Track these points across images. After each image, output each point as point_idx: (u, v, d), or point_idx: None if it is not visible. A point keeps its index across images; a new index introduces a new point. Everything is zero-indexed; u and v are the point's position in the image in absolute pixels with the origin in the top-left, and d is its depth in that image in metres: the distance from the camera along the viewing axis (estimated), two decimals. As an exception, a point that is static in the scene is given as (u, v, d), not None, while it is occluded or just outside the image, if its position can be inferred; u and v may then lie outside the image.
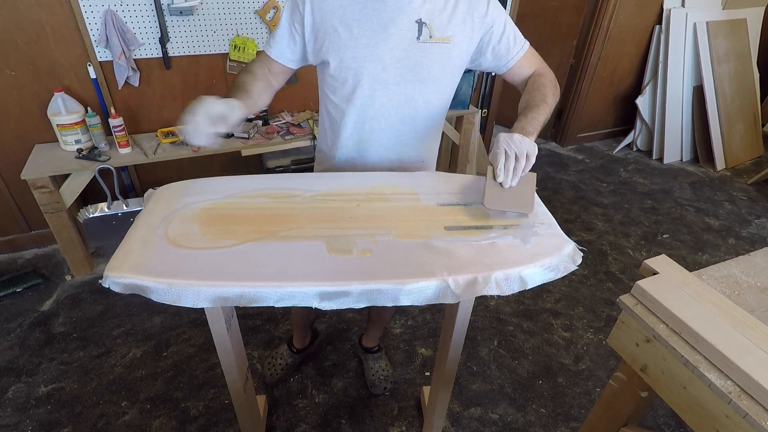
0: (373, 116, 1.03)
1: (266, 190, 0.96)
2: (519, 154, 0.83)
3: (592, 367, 1.73)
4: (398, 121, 1.04)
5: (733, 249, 2.49)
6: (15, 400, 1.54)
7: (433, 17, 0.94)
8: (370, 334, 1.65)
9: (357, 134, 1.07)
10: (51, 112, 1.90)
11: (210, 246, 0.78)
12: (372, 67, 0.97)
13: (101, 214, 2.03)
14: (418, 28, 0.94)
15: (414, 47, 0.95)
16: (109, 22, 1.86)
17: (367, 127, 1.05)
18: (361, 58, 0.96)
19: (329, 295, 0.70)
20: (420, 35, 0.95)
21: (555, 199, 2.93)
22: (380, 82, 0.99)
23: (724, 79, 3.36)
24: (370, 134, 1.06)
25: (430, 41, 0.95)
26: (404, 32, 0.94)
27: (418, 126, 1.06)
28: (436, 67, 0.98)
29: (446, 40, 0.96)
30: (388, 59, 0.96)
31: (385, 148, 1.08)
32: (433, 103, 1.05)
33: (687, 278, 0.81)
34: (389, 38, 0.94)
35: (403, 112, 1.03)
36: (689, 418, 0.72)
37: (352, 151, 1.10)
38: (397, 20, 0.93)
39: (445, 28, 0.95)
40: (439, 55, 0.97)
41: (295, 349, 1.63)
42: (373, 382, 1.59)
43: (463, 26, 0.96)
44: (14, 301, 1.96)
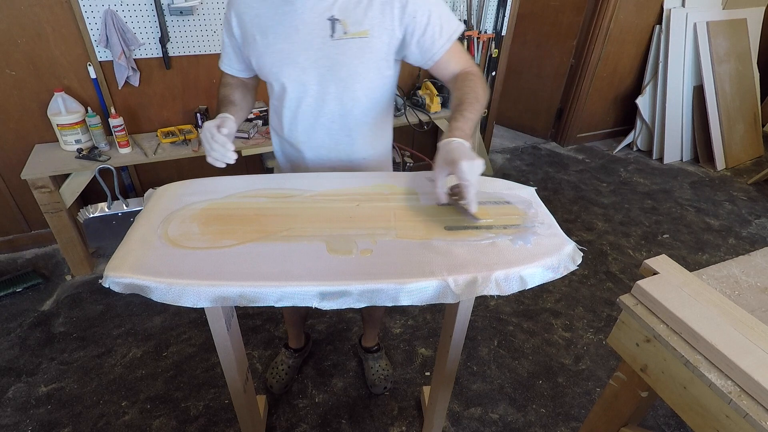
0: (303, 117, 1.04)
1: (266, 190, 0.96)
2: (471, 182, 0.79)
3: (592, 367, 1.73)
4: (328, 120, 1.03)
5: (733, 249, 2.49)
6: (15, 400, 1.54)
7: (346, 13, 0.91)
8: (368, 334, 1.65)
9: (293, 135, 1.08)
10: (51, 112, 1.90)
11: (210, 246, 0.78)
12: (291, 71, 0.97)
13: (101, 214, 2.03)
14: (331, 25, 0.92)
15: (329, 45, 0.93)
16: (109, 22, 1.86)
17: (300, 129, 1.06)
18: (279, 63, 0.97)
19: (329, 295, 0.70)
20: (334, 33, 0.92)
21: (555, 199, 2.93)
22: (302, 84, 0.99)
23: (725, 79, 3.36)
24: (304, 135, 1.07)
25: (345, 37, 0.92)
26: (317, 32, 0.93)
27: (350, 124, 1.04)
28: (355, 62, 0.95)
29: (363, 34, 0.92)
30: (304, 61, 0.96)
31: (321, 148, 1.08)
32: (362, 100, 1.01)
33: (687, 278, 0.81)
34: (302, 40, 0.94)
35: (331, 112, 1.02)
36: (689, 418, 0.72)
37: (293, 152, 1.12)
38: (308, 21, 0.92)
39: (361, 22, 0.91)
40: (357, 51, 0.94)
41: (292, 350, 1.64)
42: (373, 381, 1.59)
43: (382, 18, 0.91)
44: (14, 301, 1.96)
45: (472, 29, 2.66)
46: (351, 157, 1.10)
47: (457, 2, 2.57)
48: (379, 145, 1.14)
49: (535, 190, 0.99)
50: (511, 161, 3.44)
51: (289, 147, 1.12)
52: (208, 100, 2.26)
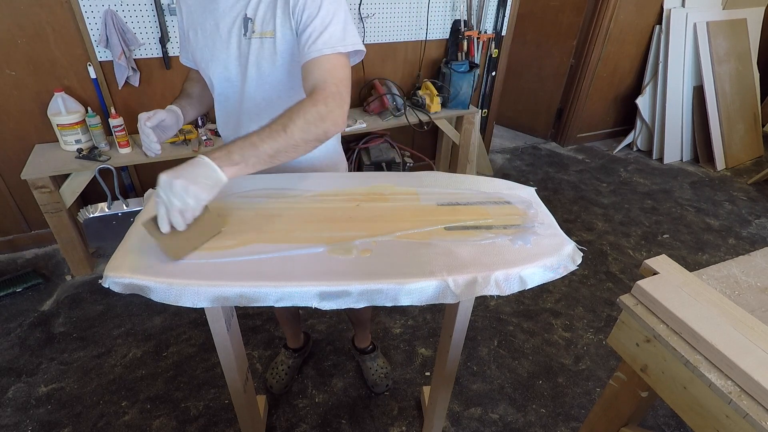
0: (229, 113, 1.06)
1: (266, 190, 0.96)
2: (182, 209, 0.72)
3: (592, 367, 1.73)
4: (247, 119, 1.03)
5: (733, 249, 2.49)
6: (15, 400, 1.54)
7: (257, 12, 0.92)
8: (359, 335, 1.64)
9: (224, 131, 1.11)
10: (51, 112, 1.90)
11: (210, 246, 0.78)
12: (215, 67, 0.99)
13: (101, 214, 2.03)
14: (244, 24, 0.94)
15: (243, 44, 0.95)
16: (109, 22, 1.86)
17: (231, 124, 1.07)
18: (206, 59, 1.00)
19: (329, 294, 0.70)
20: (246, 31, 0.94)
21: (555, 199, 2.93)
22: (226, 80, 1.01)
23: (725, 79, 3.36)
24: (232, 130, 1.07)
25: (254, 36, 0.93)
26: (234, 30, 0.95)
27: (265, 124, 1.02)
28: (262, 62, 0.95)
29: (269, 35, 0.93)
30: (225, 58, 0.97)
31: None
32: (275, 101, 0.99)
33: (687, 278, 0.81)
34: (222, 37, 0.96)
35: (248, 110, 1.02)
36: (689, 418, 0.72)
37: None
38: (228, 19, 0.95)
39: (268, 23, 0.92)
40: (265, 51, 0.94)
41: (291, 350, 1.63)
42: (374, 381, 1.59)
43: (284, 18, 0.90)
44: (14, 301, 1.96)
45: (472, 29, 2.66)
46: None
47: (457, 2, 2.57)
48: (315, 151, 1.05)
49: (535, 190, 0.99)
50: (511, 161, 3.44)
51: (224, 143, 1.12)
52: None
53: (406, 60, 2.66)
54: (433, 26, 2.60)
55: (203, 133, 2.10)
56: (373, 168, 2.55)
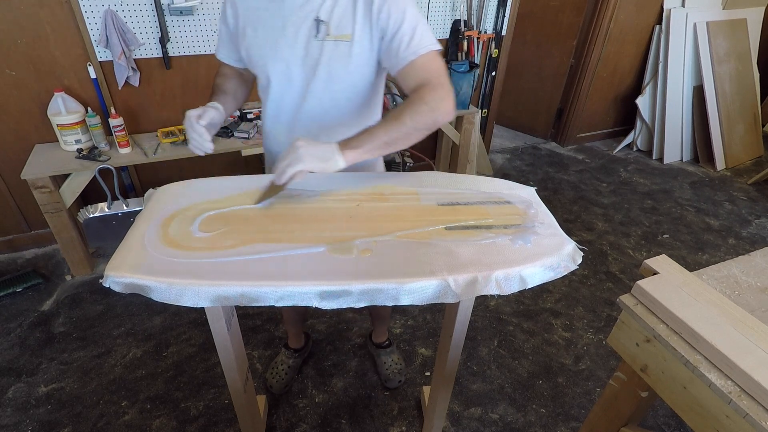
0: (286, 112, 1.06)
1: (266, 190, 0.96)
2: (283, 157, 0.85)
3: (592, 367, 1.73)
4: (307, 117, 1.05)
5: (733, 249, 2.49)
6: (15, 400, 1.54)
7: (331, 16, 0.93)
8: (377, 330, 1.67)
9: (275, 128, 1.11)
10: (51, 112, 1.90)
11: (210, 246, 0.78)
12: (276, 65, 0.99)
13: (101, 214, 2.03)
14: (317, 26, 0.94)
15: (312, 45, 0.96)
16: (109, 22, 1.86)
17: (282, 121, 1.08)
18: (266, 57, 1.00)
19: (329, 294, 0.71)
20: (318, 33, 0.95)
21: (555, 199, 2.93)
22: (287, 80, 1.01)
23: (725, 79, 3.36)
24: (285, 128, 1.09)
25: (328, 39, 0.94)
26: (303, 30, 0.95)
27: (329, 124, 1.06)
28: (335, 64, 0.96)
29: (345, 38, 0.94)
30: (290, 57, 0.98)
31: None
32: (342, 101, 1.03)
33: (687, 278, 0.81)
34: (288, 36, 0.96)
35: (310, 110, 1.04)
36: (689, 418, 0.72)
37: (274, 145, 1.14)
38: (295, 19, 0.95)
39: (344, 26, 0.93)
40: (338, 53, 0.95)
41: (292, 350, 1.64)
42: (387, 376, 1.61)
43: (364, 23, 0.93)
44: (14, 301, 1.96)
45: (472, 29, 2.66)
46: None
47: (457, 2, 2.57)
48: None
49: (535, 190, 0.99)
50: (511, 161, 3.44)
51: (272, 141, 1.14)
52: (207, 100, 2.25)
53: (406, 60, 2.65)
54: (433, 26, 2.60)
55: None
56: (373, 168, 2.55)
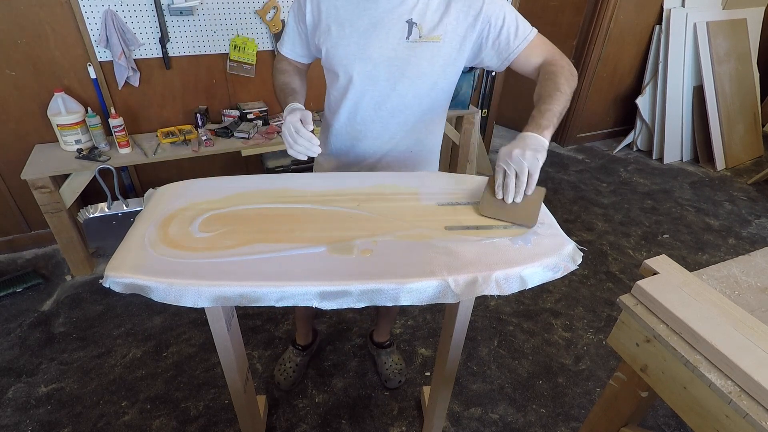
0: (364, 109, 1.07)
1: (266, 190, 0.96)
2: (519, 172, 0.82)
3: (592, 367, 1.73)
4: (388, 114, 1.07)
5: (733, 249, 2.49)
6: (15, 400, 1.54)
7: (424, 17, 0.95)
8: (381, 329, 1.67)
9: (349, 125, 1.12)
10: (51, 112, 1.90)
11: (210, 246, 0.78)
12: (362, 65, 1.00)
13: (101, 214, 2.03)
14: (408, 28, 0.96)
15: (402, 46, 0.97)
16: (109, 22, 1.86)
17: (358, 119, 1.09)
18: (351, 56, 1.00)
19: (329, 294, 0.70)
20: (410, 35, 0.96)
21: (555, 199, 2.93)
22: (370, 79, 1.02)
23: (724, 79, 3.36)
24: (362, 126, 1.10)
25: (420, 41, 0.96)
26: (394, 32, 0.96)
27: (408, 120, 1.09)
28: (424, 65, 0.99)
29: (436, 39, 0.97)
30: (378, 57, 0.99)
31: (375, 140, 1.12)
32: (424, 99, 1.06)
33: (687, 278, 0.81)
34: (378, 37, 0.97)
35: (392, 107, 1.06)
36: (689, 418, 0.72)
37: (345, 141, 1.15)
38: (387, 20, 0.96)
39: (436, 28, 0.96)
40: (428, 54, 0.98)
41: (300, 347, 1.65)
42: (387, 376, 1.61)
43: (456, 24, 0.96)
44: (14, 301, 1.96)
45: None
46: (402, 149, 1.14)
47: (457, 2, 2.57)
48: (431, 140, 1.18)
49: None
50: (511, 161, 3.44)
51: (344, 136, 1.15)
52: (208, 100, 2.26)
53: (406, 60, 2.65)
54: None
55: (203, 133, 2.10)
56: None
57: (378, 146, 1.13)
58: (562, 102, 0.90)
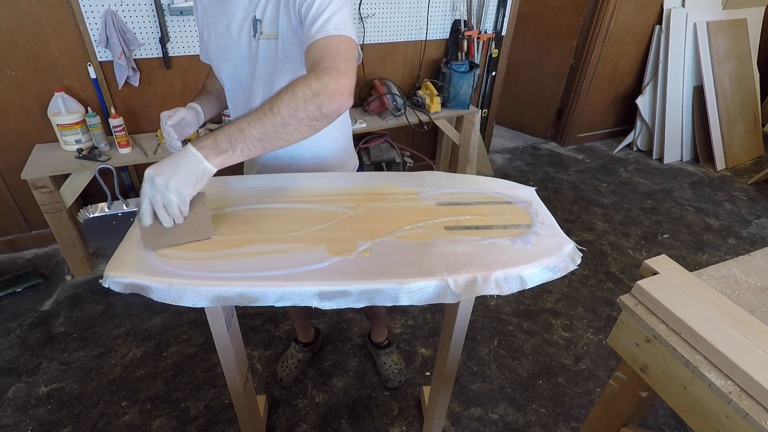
0: (239, 110, 1.08)
1: (266, 189, 0.96)
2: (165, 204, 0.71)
3: (592, 367, 1.73)
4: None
5: (733, 249, 2.49)
6: (15, 400, 1.54)
7: (264, 13, 0.93)
8: (375, 330, 1.67)
9: None
10: (51, 112, 1.90)
11: (210, 246, 0.78)
12: (226, 66, 1.02)
13: (101, 214, 2.02)
14: (254, 25, 0.94)
15: (253, 44, 0.96)
16: (109, 22, 1.86)
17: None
18: (218, 59, 1.02)
19: (329, 294, 0.70)
20: (255, 32, 0.95)
21: (555, 199, 2.93)
22: (236, 79, 1.03)
23: (725, 79, 3.36)
24: None
25: (262, 38, 0.95)
26: (245, 30, 0.96)
27: None
28: (270, 64, 0.96)
29: (273, 36, 0.93)
30: (236, 58, 0.99)
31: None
32: None
33: (687, 278, 0.81)
34: (233, 37, 0.97)
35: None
36: (689, 418, 0.72)
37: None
38: (239, 19, 0.96)
39: (271, 23, 0.93)
40: (271, 52, 0.95)
41: (301, 344, 1.65)
42: (387, 376, 1.61)
43: (287, 18, 0.90)
44: (14, 301, 1.96)
45: (472, 29, 2.66)
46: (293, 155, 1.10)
47: (457, 2, 2.57)
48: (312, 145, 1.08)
49: (535, 190, 0.99)
50: (511, 161, 3.44)
51: None
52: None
53: (406, 60, 2.66)
54: (433, 26, 2.60)
55: (203, 133, 2.10)
56: (373, 168, 2.55)
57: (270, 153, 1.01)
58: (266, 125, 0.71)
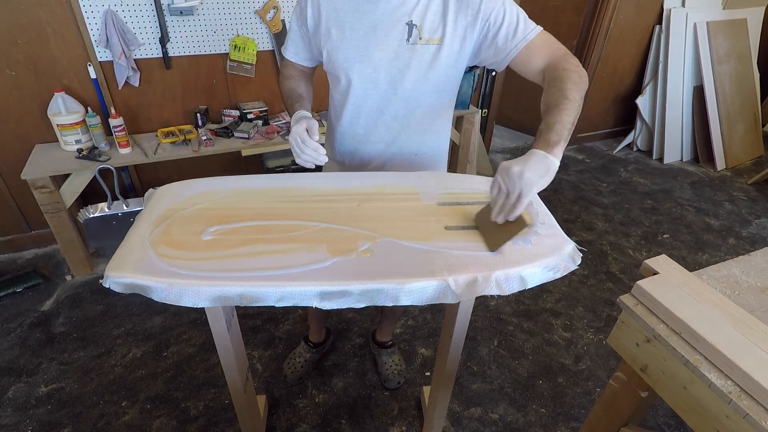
0: (366, 113, 1.07)
1: (266, 189, 0.96)
2: (510, 191, 0.74)
3: (592, 367, 1.73)
4: (390, 118, 1.07)
5: (733, 249, 2.49)
6: (15, 400, 1.54)
7: (424, 19, 0.95)
8: (384, 329, 1.67)
9: (352, 129, 1.12)
10: (51, 112, 1.90)
11: (210, 246, 0.78)
12: (362, 68, 1.00)
13: (101, 214, 2.03)
14: (409, 30, 0.95)
15: (404, 49, 0.97)
16: (109, 22, 1.86)
17: (361, 122, 1.09)
18: (351, 59, 1.00)
19: (329, 294, 0.71)
20: (410, 37, 0.96)
21: (555, 199, 2.93)
22: (371, 82, 1.02)
23: (725, 79, 3.36)
24: (365, 129, 1.10)
25: (420, 43, 0.96)
26: (394, 34, 0.96)
27: (410, 123, 1.08)
28: (425, 67, 0.99)
29: (437, 41, 0.96)
30: (378, 60, 0.99)
31: (378, 143, 1.12)
32: (427, 102, 1.05)
33: (687, 278, 0.81)
34: (379, 40, 0.97)
35: (394, 110, 1.06)
36: (689, 418, 0.72)
37: (348, 144, 1.15)
38: (387, 23, 0.96)
39: (436, 30, 0.96)
40: (429, 56, 0.97)
41: (311, 344, 1.65)
42: (387, 376, 1.61)
43: (455, 25, 0.95)
44: (14, 301, 1.96)
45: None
46: (407, 153, 1.13)
47: (457, 2, 2.57)
48: (436, 142, 1.17)
49: None
50: (511, 161, 3.44)
51: (347, 140, 1.15)
52: (207, 100, 2.26)
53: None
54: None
55: (203, 133, 2.10)
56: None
57: (381, 150, 1.12)
58: (571, 111, 0.80)
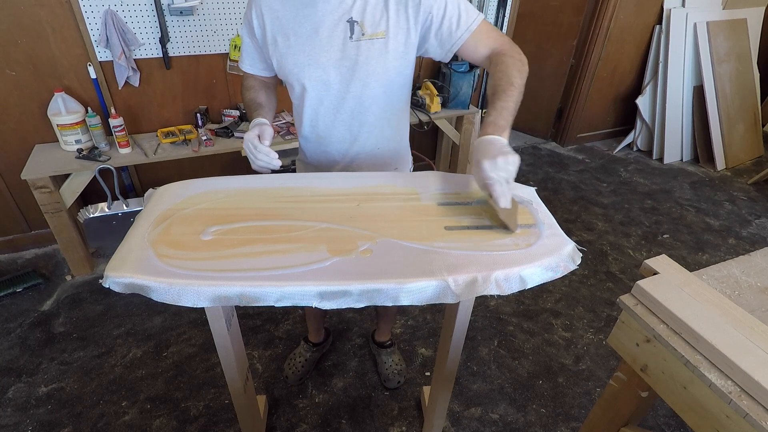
0: (324, 114, 1.08)
1: (266, 189, 0.96)
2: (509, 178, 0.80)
3: (592, 367, 1.73)
4: (347, 117, 1.07)
5: (733, 249, 2.49)
6: (15, 400, 1.54)
7: (364, 15, 0.95)
8: (382, 329, 1.68)
9: (314, 131, 1.12)
10: (51, 112, 1.90)
11: (210, 246, 0.78)
12: (312, 71, 1.00)
13: (101, 214, 2.03)
14: (350, 27, 0.95)
15: (349, 47, 0.97)
16: (109, 22, 1.86)
17: (320, 124, 1.10)
18: (300, 64, 1.00)
19: (329, 294, 0.70)
20: (352, 34, 0.96)
21: (555, 199, 2.93)
22: (323, 84, 1.02)
23: (725, 79, 3.36)
24: (324, 131, 1.11)
25: (364, 39, 0.96)
26: (337, 34, 0.96)
27: (369, 120, 1.08)
28: (373, 63, 0.98)
29: (380, 36, 0.96)
30: (326, 62, 0.99)
31: (340, 143, 1.12)
32: (381, 97, 1.05)
33: (687, 278, 0.81)
34: (323, 42, 0.97)
35: (350, 109, 1.06)
36: (689, 418, 0.72)
37: (314, 146, 1.16)
38: (328, 23, 0.96)
39: (378, 24, 0.95)
40: (376, 51, 0.97)
41: (312, 343, 1.66)
42: (387, 376, 1.61)
43: (398, 18, 0.95)
44: (14, 301, 1.96)
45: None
46: (370, 148, 1.14)
47: (457, 2, 2.57)
48: (396, 135, 1.17)
49: (535, 189, 0.99)
50: (511, 161, 3.44)
51: (312, 144, 1.15)
52: (207, 100, 2.26)
53: (406, 60, 2.65)
54: (433, 26, 2.60)
55: (203, 133, 2.11)
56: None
57: (345, 148, 1.13)
58: (516, 97, 0.89)
